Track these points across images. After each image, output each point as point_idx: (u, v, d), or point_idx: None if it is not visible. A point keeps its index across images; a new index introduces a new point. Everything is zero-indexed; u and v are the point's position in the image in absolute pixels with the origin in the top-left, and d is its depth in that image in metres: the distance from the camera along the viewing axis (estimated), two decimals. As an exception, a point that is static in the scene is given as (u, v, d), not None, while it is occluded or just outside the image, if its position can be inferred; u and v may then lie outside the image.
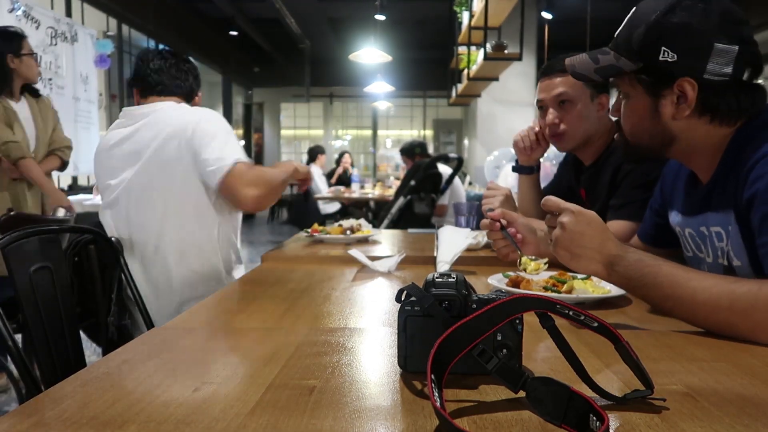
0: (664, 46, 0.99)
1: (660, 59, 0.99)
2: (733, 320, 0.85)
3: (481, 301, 0.69)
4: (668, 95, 1.02)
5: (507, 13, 4.70)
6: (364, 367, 0.76)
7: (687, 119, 1.03)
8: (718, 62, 0.97)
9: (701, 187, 1.10)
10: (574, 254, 0.97)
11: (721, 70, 0.98)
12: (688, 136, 1.05)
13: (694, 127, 1.04)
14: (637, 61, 1.03)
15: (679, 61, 0.99)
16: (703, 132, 1.04)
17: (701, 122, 1.03)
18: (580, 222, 0.96)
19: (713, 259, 1.09)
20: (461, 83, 6.53)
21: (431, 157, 4.59)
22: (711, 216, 1.07)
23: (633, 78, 1.06)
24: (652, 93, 1.04)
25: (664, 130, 1.05)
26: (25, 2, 4.67)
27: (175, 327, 0.96)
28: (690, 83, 0.99)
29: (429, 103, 13.82)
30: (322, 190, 7.64)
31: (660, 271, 0.91)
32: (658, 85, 1.03)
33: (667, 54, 0.99)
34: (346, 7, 9.32)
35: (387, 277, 1.44)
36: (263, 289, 1.35)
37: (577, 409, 0.55)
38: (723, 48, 0.97)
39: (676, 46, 0.98)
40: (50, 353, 1.24)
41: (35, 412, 0.59)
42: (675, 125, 1.04)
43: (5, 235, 1.22)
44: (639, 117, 1.07)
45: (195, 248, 1.76)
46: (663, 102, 1.03)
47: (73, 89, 5.46)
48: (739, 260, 1.01)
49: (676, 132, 1.05)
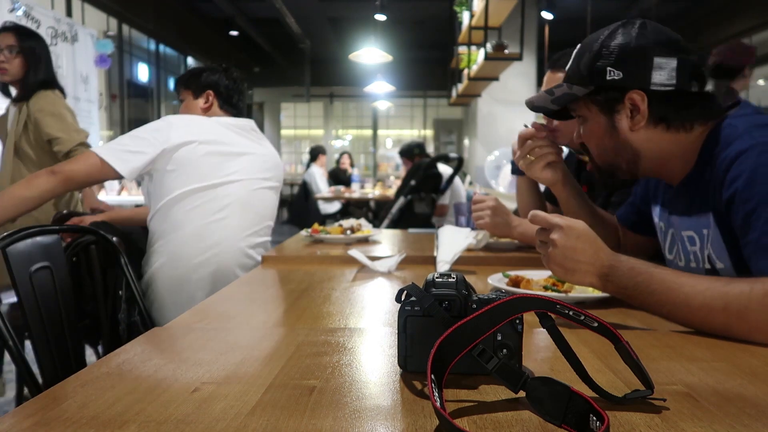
0: (609, 66, 1.06)
1: (608, 78, 1.07)
2: (728, 322, 0.86)
3: (481, 301, 0.69)
4: (622, 110, 1.08)
5: (507, 13, 4.70)
6: (364, 367, 0.76)
7: (644, 131, 1.08)
8: (660, 74, 1.04)
9: (673, 190, 1.14)
10: (568, 269, 0.97)
11: (666, 80, 1.04)
12: (650, 148, 1.09)
13: (652, 138, 1.08)
14: (588, 85, 1.10)
15: (625, 77, 1.05)
16: (663, 143, 1.08)
17: (658, 132, 1.07)
18: (570, 237, 0.96)
19: (685, 263, 1.11)
20: (461, 83, 6.53)
21: (431, 157, 4.59)
22: (684, 220, 1.09)
23: (587, 100, 1.12)
24: (606, 110, 1.10)
25: (626, 145, 1.10)
26: (26, 2, 4.67)
27: (175, 327, 0.96)
28: (639, 95, 1.05)
29: (429, 103, 13.83)
30: (322, 189, 7.65)
31: (652, 278, 0.92)
32: (611, 102, 1.09)
33: (613, 72, 1.06)
34: (346, 7, 9.33)
35: (387, 277, 1.44)
36: (263, 289, 1.35)
37: (577, 409, 0.56)
38: (662, 61, 1.04)
39: (619, 64, 1.05)
40: (50, 353, 1.24)
41: (35, 412, 0.59)
42: (635, 138, 1.09)
43: (5, 235, 1.22)
44: (599, 137, 1.13)
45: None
46: (618, 117, 1.09)
47: (74, 89, 5.46)
48: (722, 263, 1.02)
49: (637, 145, 1.09)
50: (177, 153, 1.78)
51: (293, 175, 14.04)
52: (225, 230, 1.83)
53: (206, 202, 1.82)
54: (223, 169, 1.86)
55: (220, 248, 1.82)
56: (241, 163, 1.90)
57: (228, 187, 1.85)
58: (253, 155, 1.95)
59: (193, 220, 1.80)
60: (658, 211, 1.23)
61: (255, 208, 1.93)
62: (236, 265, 1.85)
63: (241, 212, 1.87)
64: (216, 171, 1.84)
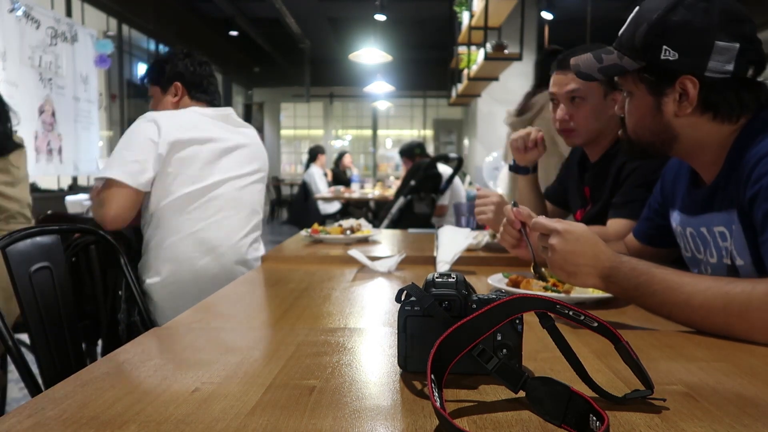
0: (666, 45, 0.99)
1: (662, 58, 1.00)
2: (729, 321, 0.85)
3: (481, 301, 0.69)
4: (670, 93, 1.03)
5: (507, 13, 4.70)
6: (364, 367, 0.76)
7: (689, 117, 1.03)
8: (719, 60, 0.98)
9: (704, 187, 1.10)
10: (570, 272, 0.97)
11: (723, 67, 0.98)
12: (690, 134, 1.05)
13: (696, 124, 1.04)
14: (639, 60, 1.04)
15: (681, 60, 0.99)
16: (705, 130, 1.04)
17: (703, 120, 1.03)
18: (569, 240, 0.96)
19: (717, 259, 1.09)
20: (461, 83, 6.53)
21: (431, 157, 4.59)
22: (715, 216, 1.06)
23: (636, 76, 1.06)
24: (654, 91, 1.04)
25: (667, 128, 1.06)
26: (25, 2, 4.67)
27: (175, 327, 0.96)
28: (692, 81, 1.00)
29: (429, 103, 13.82)
30: (322, 190, 7.65)
31: (653, 278, 0.92)
32: (661, 84, 1.03)
33: (669, 53, 0.99)
34: (346, 7, 9.32)
35: (387, 277, 1.44)
36: (263, 289, 1.35)
37: (577, 409, 0.56)
38: (724, 46, 0.97)
39: (677, 45, 0.99)
40: (50, 353, 1.24)
41: (35, 412, 0.59)
42: (677, 123, 1.05)
43: (5, 235, 1.22)
44: (642, 114, 1.08)
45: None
46: (665, 100, 1.04)
47: (73, 89, 5.46)
48: (743, 259, 1.01)
49: (679, 130, 1.05)
50: (174, 154, 1.77)
51: (293, 175, 14.05)
52: (223, 231, 1.83)
53: (201, 204, 1.80)
54: (214, 169, 1.84)
55: (221, 250, 1.81)
56: (230, 160, 1.88)
57: (220, 187, 1.84)
58: (239, 149, 1.93)
59: (191, 224, 1.79)
60: (677, 216, 1.20)
61: (247, 204, 1.93)
62: (238, 263, 1.85)
63: (235, 211, 1.87)
64: (208, 171, 1.82)
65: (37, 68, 4.91)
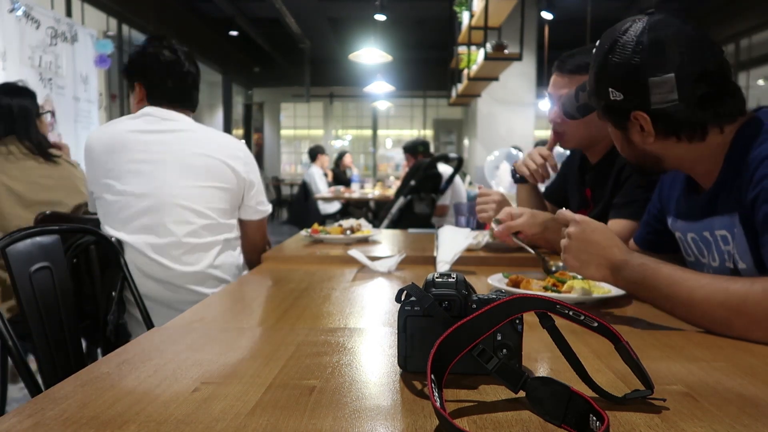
0: (611, 87, 1.04)
1: (611, 99, 1.05)
2: (727, 316, 0.87)
3: (481, 301, 0.69)
4: (631, 127, 1.07)
5: (507, 13, 4.70)
6: (364, 367, 0.76)
7: (658, 142, 1.06)
8: (659, 92, 0.99)
9: (704, 193, 1.11)
10: (583, 261, 1.01)
11: (667, 98, 0.99)
12: (671, 154, 1.08)
13: (668, 147, 1.07)
14: (598, 101, 1.10)
15: (626, 98, 1.03)
16: (681, 150, 1.06)
17: (671, 142, 1.06)
18: (585, 231, 1.01)
19: (719, 263, 1.10)
20: (461, 83, 6.53)
21: (431, 157, 4.59)
22: (716, 220, 1.07)
23: (601, 114, 1.12)
24: (618, 126, 1.10)
25: (645, 153, 1.10)
26: (25, 2, 4.67)
27: (175, 327, 0.96)
28: (641, 116, 1.03)
29: (429, 103, 13.82)
30: (322, 190, 7.65)
31: (659, 273, 0.94)
32: (620, 120, 1.08)
33: (615, 93, 1.04)
34: (346, 7, 9.33)
35: (387, 277, 1.44)
36: (263, 289, 1.35)
37: (577, 409, 0.56)
38: (658, 80, 0.99)
39: (619, 86, 1.03)
40: (50, 353, 1.24)
41: (35, 412, 0.59)
42: (651, 148, 1.08)
43: (5, 236, 1.22)
44: (620, 145, 1.14)
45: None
46: (630, 132, 1.09)
47: (73, 89, 5.46)
48: (744, 262, 1.02)
49: (657, 153, 1.09)
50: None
51: (293, 175, 14.05)
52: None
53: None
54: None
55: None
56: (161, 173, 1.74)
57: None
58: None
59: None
60: (677, 222, 1.21)
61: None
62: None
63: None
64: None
65: (37, 68, 4.91)
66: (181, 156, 1.74)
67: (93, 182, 1.74)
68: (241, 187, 1.84)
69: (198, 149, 1.77)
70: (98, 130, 1.81)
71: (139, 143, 1.72)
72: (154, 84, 1.79)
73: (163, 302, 1.69)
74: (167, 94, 1.79)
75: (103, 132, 1.78)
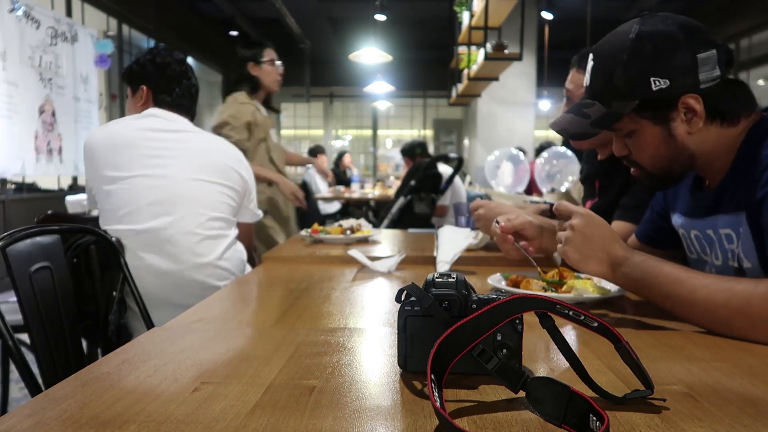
0: (653, 77, 0.99)
1: (654, 89, 1.00)
2: (729, 317, 0.86)
3: (481, 301, 0.69)
4: (676, 116, 1.03)
5: (507, 13, 4.70)
6: (364, 367, 0.76)
7: (701, 131, 1.03)
8: (706, 69, 0.98)
9: (710, 190, 1.11)
10: (584, 255, 0.99)
11: (712, 75, 0.99)
12: (704, 148, 1.05)
13: (708, 136, 1.04)
14: (630, 100, 1.02)
15: (673, 84, 0.99)
16: (715, 139, 1.04)
17: (713, 129, 1.04)
18: (589, 225, 0.99)
19: (722, 262, 1.09)
20: (461, 83, 6.53)
21: (431, 157, 4.59)
22: (720, 218, 1.07)
23: (633, 116, 1.04)
24: (659, 121, 1.04)
25: (683, 150, 1.05)
26: (25, 2, 4.67)
27: (175, 327, 0.96)
28: (694, 98, 1.00)
29: (429, 103, 13.83)
30: (322, 190, 7.64)
31: (661, 271, 0.93)
32: (663, 112, 1.03)
33: (659, 82, 0.99)
34: (346, 7, 9.33)
35: (387, 277, 1.44)
36: (263, 289, 1.35)
37: (577, 409, 0.55)
38: (705, 56, 0.98)
39: (663, 73, 0.99)
40: (50, 353, 1.24)
41: (35, 412, 0.59)
42: (692, 140, 1.04)
43: (5, 235, 1.22)
44: (656, 146, 1.06)
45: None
46: (673, 125, 1.03)
47: (74, 89, 5.46)
48: (750, 262, 1.02)
49: (694, 147, 1.05)
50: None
51: (293, 175, 14.04)
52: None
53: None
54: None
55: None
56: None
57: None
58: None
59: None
60: (680, 219, 1.21)
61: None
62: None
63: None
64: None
65: (37, 68, 4.92)
66: (191, 153, 1.81)
67: (93, 178, 1.77)
68: (244, 189, 1.92)
69: (206, 149, 1.85)
70: (99, 128, 1.84)
71: (147, 140, 1.76)
72: (162, 88, 1.86)
73: (169, 295, 1.72)
74: (173, 100, 1.87)
75: (104, 130, 1.81)
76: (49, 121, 5.12)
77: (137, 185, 1.71)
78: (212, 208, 1.80)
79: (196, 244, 1.74)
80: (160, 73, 1.86)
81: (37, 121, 4.96)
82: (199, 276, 1.73)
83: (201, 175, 1.80)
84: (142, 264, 1.68)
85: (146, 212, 1.70)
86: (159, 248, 1.69)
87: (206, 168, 1.81)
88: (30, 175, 5.05)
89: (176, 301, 1.68)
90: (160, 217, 1.71)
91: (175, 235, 1.71)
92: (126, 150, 1.74)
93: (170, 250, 1.70)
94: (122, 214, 1.70)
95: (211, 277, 1.76)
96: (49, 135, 5.13)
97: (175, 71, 1.87)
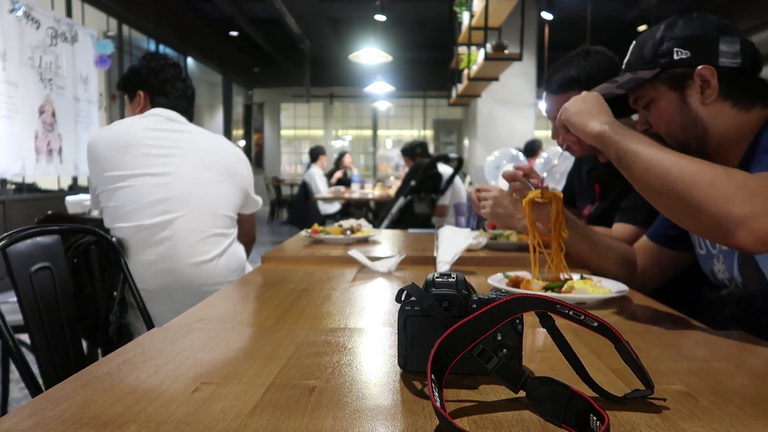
0: (677, 48, 1.10)
1: (676, 58, 1.10)
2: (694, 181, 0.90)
3: (481, 301, 0.69)
4: (692, 85, 1.09)
5: (507, 13, 4.70)
6: (364, 367, 0.76)
7: (714, 105, 1.09)
8: (727, 50, 1.07)
9: None
10: (581, 111, 1.11)
11: (732, 59, 1.07)
12: (717, 124, 1.10)
13: (720, 112, 1.09)
14: (654, 67, 1.12)
15: (693, 56, 1.08)
16: (729, 119, 1.09)
17: (726, 107, 1.09)
18: (578, 98, 1.14)
19: (729, 255, 1.11)
20: (461, 83, 6.52)
21: (431, 157, 4.59)
22: None
23: (654, 81, 1.13)
24: (676, 86, 1.11)
25: (696, 121, 1.11)
26: (25, 2, 4.67)
27: (175, 327, 0.96)
28: (709, 69, 1.07)
29: (429, 103, 13.83)
30: (322, 190, 7.65)
31: (639, 135, 1.03)
32: (680, 78, 1.10)
33: (681, 52, 1.09)
34: (346, 7, 9.33)
35: (387, 277, 1.44)
36: (263, 289, 1.35)
37: (577, 409, 0.56)
38: (728, 40, 1.08)
39: (687, 46, 1.09)
40: (50, 353, 1.24)
41: (35, 412, 0.59)
42: (705, 112, 1.10)
43: (5, 235, 1.22)
44: (670, 112, 1.13)
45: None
46: (688, 92, 1.10)
47: (74, 89, 5.46)
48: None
49: (707, 120, 1.10)
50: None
51: (293, 175, 14.04)
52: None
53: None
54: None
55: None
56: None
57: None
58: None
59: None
60: None
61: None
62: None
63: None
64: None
65: (37, 68, 4.92)
66: (197, 151, 1.85)
67: (98, 178, 1.78)
68: (247, 185, 1.98)
69: (210, 148, 1.89)
70: (103, 129, 1.87)
71: (152, 138, 1.79)
72: (157, 91, 1.90)
73: (169, 292, 1.73)
74: (170, 102, 1.91)
75: (108, 130, 1.83)
76: (49, 121, 5.12)
77: (142, 183, 1.73)
78: (218, 206, 1.83)
79: (198, 242, 1.76)
80: (155, 76, 1.90)
81: (37, 122, 4.97)
82: (199, 274, 1.74)
83: (207, 174, 1.83)
84: (143, 261, 1.69)
85: (150, 210, 1.72)
86: (160, 245, 1.71)
87: (212, 167, 1.85)
88: (30, 175, 5.05)
89: (176, 298, 1.69)
90: (164, 215, 1.73)
91: (177, 233, 1.73)
92: (131, 149, 1.76)
93: (171, 247, 1.71)
94: (126, 211, 1.72)
95: (211, 275, 1.77)
96: (49, 135, 5.13)
97: (169, 73, 1.92)
